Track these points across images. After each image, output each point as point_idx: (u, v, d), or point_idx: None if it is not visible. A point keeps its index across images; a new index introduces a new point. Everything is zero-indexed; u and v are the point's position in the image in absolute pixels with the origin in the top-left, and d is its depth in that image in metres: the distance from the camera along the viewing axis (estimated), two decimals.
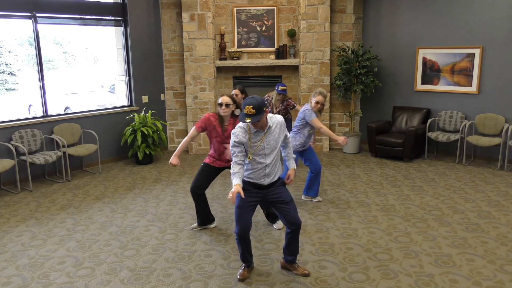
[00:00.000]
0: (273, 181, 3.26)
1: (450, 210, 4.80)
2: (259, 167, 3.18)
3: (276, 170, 3.27)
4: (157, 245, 4.07)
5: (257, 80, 7.83)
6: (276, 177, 3.28)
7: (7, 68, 14.78)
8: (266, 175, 3.21)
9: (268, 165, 3.17)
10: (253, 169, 3.19)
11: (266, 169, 3.18)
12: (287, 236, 3.38)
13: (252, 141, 3.14)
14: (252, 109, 2.97)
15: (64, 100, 10.97)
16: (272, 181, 3.25)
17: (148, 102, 7.58)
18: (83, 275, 3.53)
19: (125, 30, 7.21)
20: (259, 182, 3.22)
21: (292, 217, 3.28)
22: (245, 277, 3.42)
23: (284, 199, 3.27)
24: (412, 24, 7.22)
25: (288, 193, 3.33)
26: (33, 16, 6.02)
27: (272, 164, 3.20)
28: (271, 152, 3.18)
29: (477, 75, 6.64)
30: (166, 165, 6.93)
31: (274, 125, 3.19)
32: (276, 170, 3.27)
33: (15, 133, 5.84)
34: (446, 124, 6.94)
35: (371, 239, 4.11)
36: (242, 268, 3.48)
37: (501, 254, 3.77)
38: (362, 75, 7.16)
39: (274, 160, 3.21)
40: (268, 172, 3.20)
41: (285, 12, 7.63)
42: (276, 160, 3.24)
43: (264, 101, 3.20)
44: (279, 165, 3.31)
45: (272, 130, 3.18)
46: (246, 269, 3.47)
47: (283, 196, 3.28)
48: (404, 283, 3.34)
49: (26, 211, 5.02)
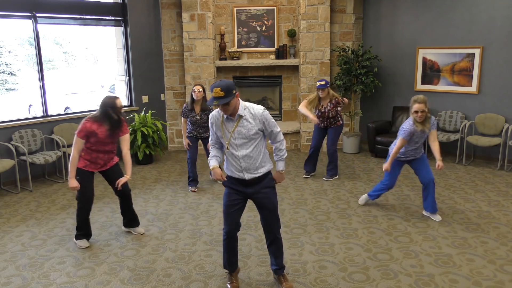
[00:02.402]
0: (255, 176, 2.99)
1: (450, 210, 4.80)
2: (234, 160, 2.97)
3: (258, 166, 2.98)
4: (157, 245, 4.07)
5: (257, 80, 7.83)
6: (259, 173, 3.00)
7: (7, 68, 14.78)
8: (244, 169, 2.97)
9: (242, 158, 2.94)
10: (230, 161, 3.00)
11: (241, 162, 2.95)
12: (268, 248, 3.25)
13: (225, 129, 2.95)
14: (220, 91, 2.75)
15: (64, 100, 10.97)
16: (254, 177, 2.99)
17: (148, 102, 7.59)
18: (83, 275, 3.53)
19: (125, 30, 7.21)
20: (239, 177, 3.00)
21: (267, 225, 3.13)
22: (237, 286, 3.27)
23: (266, 205, 3.07)
24: (412, 24, 7.22)
25: (272, 200, 3.10)
26: (33, 16, 6.02)
27: (247, 157, 2.94)
28: (243, 144, 2.93)
29: (477, 75, 6.64)
30: (166, 165, 6.93)
31: (249, 116, 2.92)
32: (258, 166, 2.98)
33: (15, 133, 5.84)
34: (446, 124, 6.94)
35: (371, 239, 4.11)
36: (230, 281, 3.28)
37: (501, 254, 3.77)
38: (362, 75, 7.16)
39: (249, 153, 2.94)
40: (246, 167, 2.96)
41: (285, 12, 7.63)
42: (256, 155, 2.97)
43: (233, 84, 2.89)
44: (265, 161, 3.04)
45: (245, 120, 2.91)
46: (234, 279, 3.29)
47: (265, 202, 3.07)
48: (404, 283, 3.34)
49: (26, 211, 5.02)
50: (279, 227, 3.20)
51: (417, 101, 4.11)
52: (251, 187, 3.04)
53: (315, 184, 5.79)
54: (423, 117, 4.14)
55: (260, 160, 3.00)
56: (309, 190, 5.55)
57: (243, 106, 2.94)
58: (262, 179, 3.05)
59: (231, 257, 3.25)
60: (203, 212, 4.88)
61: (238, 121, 2.92)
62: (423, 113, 4.11)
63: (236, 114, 2.92)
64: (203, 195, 5.45)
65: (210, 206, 5.05)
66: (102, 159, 3.97)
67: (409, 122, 4.25)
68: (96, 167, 3.98)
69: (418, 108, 4.10)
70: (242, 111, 2.92)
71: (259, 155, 3.00)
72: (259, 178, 3.03)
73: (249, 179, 3.00)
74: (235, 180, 3.06)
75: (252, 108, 2.96)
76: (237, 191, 3.08)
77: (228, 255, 3.24)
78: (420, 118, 4.13)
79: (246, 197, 3.11)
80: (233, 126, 2.93)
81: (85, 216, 4.04)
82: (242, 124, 2.92)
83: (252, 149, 2.96)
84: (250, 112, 2.94)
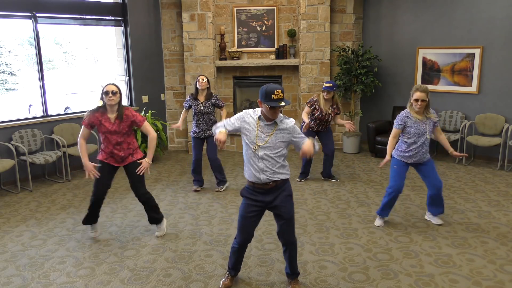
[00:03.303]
0: (272, 180, 2.99)
1: (450, 210, 4.80)
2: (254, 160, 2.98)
3: (276, 170, 2.99)
4: (157, 245, 4.07)
5: (257, 80, 7.83)
6: (276, 178, 3.00)
7: (7, 68, 14.78)
8: (261, 170, 2.96)
9: (261, 157, 2.95)
10: (250, 162, 3.00)
11: (259, 162, 2.96)
12: (283, 254, 3.26)
13: (261, 131, 2.96)
14: (281, 92, 2.83)
15: (64, 100, 10.97)
16: (270, 180, 2.99)
17: (148, 102, 7.59)
18: (83, 275, 3.53)
19: (125, 30, 7.21)
20: (256, 178, 2.98)
21: (283, 233, 3.14)
22: (228, 286, 3.31)
23: (282, 215, 3.07)
24: (412, 24, 7.22)
25: (289, 209, 3.09)
26: (33, 16, 6.02)
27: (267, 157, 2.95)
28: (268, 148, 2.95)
29: (477, 75, 6.64)
30: (166, 165, 6.93)
31: (284, 126, 2.99)
32: (276, 170, 2.99)
33: (15, 133, 5.84)
34: (446, 124, 6.94)
35: (371, 239, 4.11)
36: (226, 277, 3.36)
37: (501, 254, 3.77)
38: (362, 75, 7.16)
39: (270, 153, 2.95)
40: (263, 167, 2.96)
41: (285, 12, 7.63)
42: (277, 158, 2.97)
43: None
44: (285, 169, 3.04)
45: (281, 130, 2.98)
46: (229, 278, 3.35)
47: (283, 212, 3.07)
48: (404, 283, 3.34)
49: (26, 211, 5.02)
50: (293, 235, 3.19)
51: (419, 89, 3.96)
52: (270, 194, 3.04)
53: (315, 184, 5.79)
54: (422, 107, 3.99)
55: (279, 165, 3.00)
56: (309, 190, 5.55)
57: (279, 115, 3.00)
58: (280, 186, 3.05)
59: (237, 263, 3.32)
60: (203, 212, 4.88)
61: (275, 128, 2.97)
62: (423, 102, 3.96)
63: (274, 120, 2.97)
64: (203, 195, 5.45)
65: (210, 206, 5.05)
66: (117, 153, 3.94)
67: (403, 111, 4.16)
68: (114, 161, 3.99)
69: (419, 97, 3.95)
70: (279, 119, 2.98)
71: (279, 159, 3.00)
72: (277, 183, 3.03)
73: (265, 182, 2.99)
74: (254, 188, 3.06)
75: (286, 119, 3.03)
76: (255, 201, 3.07)
77: (235, 261, 3.29)
78: (419, 107, 3.98)
79: (263, 207, 3.10)
80: (270, 131, 2.97)
81: (92, 206, 4.06)
82: (277, 132, 2.97)
83: (274, 151, 2.97)
84: (286, 122, 3.00)
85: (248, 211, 3.09)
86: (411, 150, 4.15)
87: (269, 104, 2.84)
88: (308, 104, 5.62)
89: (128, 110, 3.92)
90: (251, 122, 3.01)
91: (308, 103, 5.63)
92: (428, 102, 4.05)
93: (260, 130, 2.97)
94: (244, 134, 3.03)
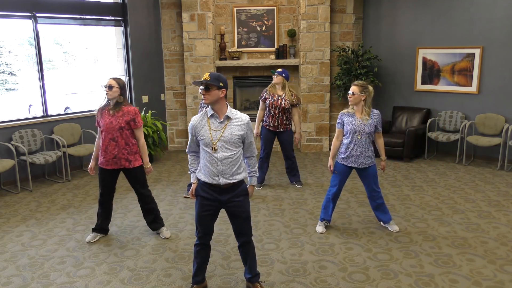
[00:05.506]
0: (230, 182, 2.93)
1: (450, 210, 4.81)
2: (212, 163, 2.90)
3: (234, 172, 2.93)
4: (157, 245, 4.07)
5: (257, 80, 7.83)
6: (234, 179, 2.94)
7: (7, 68, 14.77)
8: (221, 173, 2.89)
9: (221, 160, 2.88)
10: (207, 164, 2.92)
11: (219, 165, 2.88)
12: (240, 255, 3.19)
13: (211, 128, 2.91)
14: (208, 75, 2.84)
15: (64, 100, 10.97)
16: (229, 183, 2.93)
17: (148, 102, 7.59)
18: (83, 275, 3.53)
19: (125, 30, 7.21)
20: (214, 181, 2.92)
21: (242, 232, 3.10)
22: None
23: (238, 213, 3.03)
24: (412, 24, 7.22)
25: (246, 207, 3.05)
26: (33, 16, 6.02)
27: (227, 160, 2.89)
28: (225, 148, 2.88)
29: (477, 75, 6.64)
30: (166, 165, 6.93)
31: (237, 120, 2.94)
32: (234, 172, 2.93)
33: (15, 133, 5.84)
34: (446, 124, 6.94)
35: (371, 239, 4.11)
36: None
37: (501, 254, 3.77)
38: (362, 75, 7.16)
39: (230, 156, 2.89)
40: (223, 170, 2.89)
41: (285, 12, 7.63)
42: (235, 160, 2.92)
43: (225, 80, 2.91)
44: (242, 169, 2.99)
45: (233, 124, 2.92)
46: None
47: (239, 211, 3.02)
48: (404, 283, 3.34)
49: (26, 211, 5.02)
50: (251, 233, 3.16)
51: (354, 83, 3.97)
52: (225, 194, 2.98)
53: (315, 184, 5.79)
54: (353, 101, 3.94)
55: (237, 166, 2.95)
56: (309, 190, 5.55)
57: (231, 110, 2.96)
58: (237, 186, 3.00)
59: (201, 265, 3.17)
60: None
61: (227, 123, 2.92)
62: (354, 96, 3.91)
63: (224, 115, 2.92)
64: None
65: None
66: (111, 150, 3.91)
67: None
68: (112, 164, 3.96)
69: (351, 89, 3.94)
70: (230, 114, 2.94)
71: (238, 161, 2.95)
72: (234, 184, 2.97)
73: (224, 185, 2.93)
74: (209, 187, 2.98)
75: (240, 114, 2.99)
76: (210, 200, 3.00)
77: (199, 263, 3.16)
78: (350, 100, 3.95)
79: (219, 206, 3.04)
80: (220, 127, 2.91)
81: (100, 208, 4.18)
82: (230, 127, 2.92)
83: (233, 153, 2.92)
84: (239, 117, 2.96)
85: (203, 210, 3.03)
86: (348, 151, 4.05)
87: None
88: (260, 99, 5.49)
89: (130, 108, 3.96)
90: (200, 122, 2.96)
91: (260, 98, 5.51)
92: (365, 100, 3.95)
93: (213, 129, 2.91)
94: (199, 140, 2.96)
